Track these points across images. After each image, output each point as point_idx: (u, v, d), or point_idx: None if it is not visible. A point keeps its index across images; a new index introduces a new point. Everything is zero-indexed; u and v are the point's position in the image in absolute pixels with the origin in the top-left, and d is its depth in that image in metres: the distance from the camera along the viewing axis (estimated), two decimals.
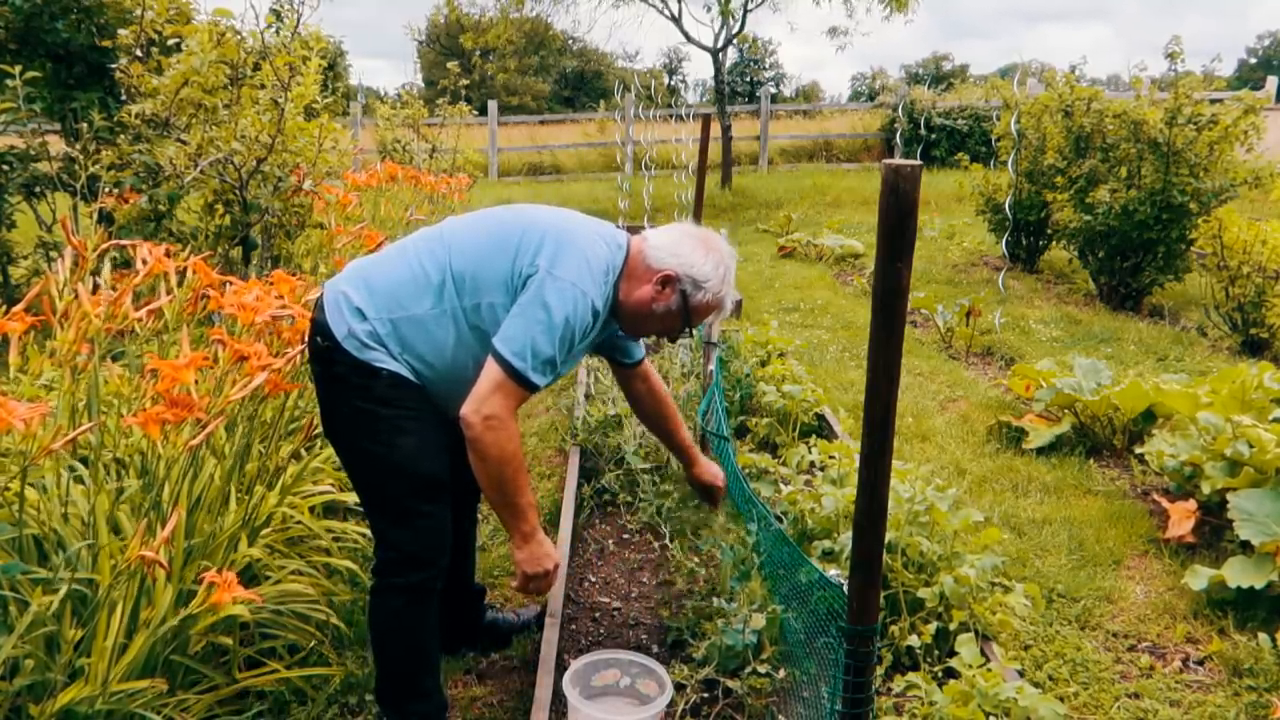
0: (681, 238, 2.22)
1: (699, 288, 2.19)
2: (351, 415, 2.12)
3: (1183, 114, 6.64)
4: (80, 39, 4.34)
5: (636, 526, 3.51)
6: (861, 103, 22.07)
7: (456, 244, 2.14)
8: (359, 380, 2.07)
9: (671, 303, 2.19)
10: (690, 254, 2.18)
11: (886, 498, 1.64)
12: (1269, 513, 3.01)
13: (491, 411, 2.00)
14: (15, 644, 1.81)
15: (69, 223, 2.83)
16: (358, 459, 2.19)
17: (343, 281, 2.16)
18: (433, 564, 2.17)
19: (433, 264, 2.11)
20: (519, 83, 38.61)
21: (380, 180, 6.06)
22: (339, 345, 2.07)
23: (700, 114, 7.94)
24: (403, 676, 2.23)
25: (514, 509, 2.13)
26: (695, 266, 2.18)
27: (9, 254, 4.36)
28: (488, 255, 2.09)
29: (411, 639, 2.21)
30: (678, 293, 2.18)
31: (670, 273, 2.17)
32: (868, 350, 1.59)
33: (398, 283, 2.10)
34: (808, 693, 2.25)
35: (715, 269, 2.20)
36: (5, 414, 1.67)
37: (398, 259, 2.17)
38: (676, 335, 2.30)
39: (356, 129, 14.00)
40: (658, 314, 2.21)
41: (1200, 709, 2.50)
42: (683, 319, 2.22)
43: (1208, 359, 5.72)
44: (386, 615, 2.20)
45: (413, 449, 2.10)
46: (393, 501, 2.16)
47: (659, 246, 2.20)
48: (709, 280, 2.19)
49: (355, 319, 2.07)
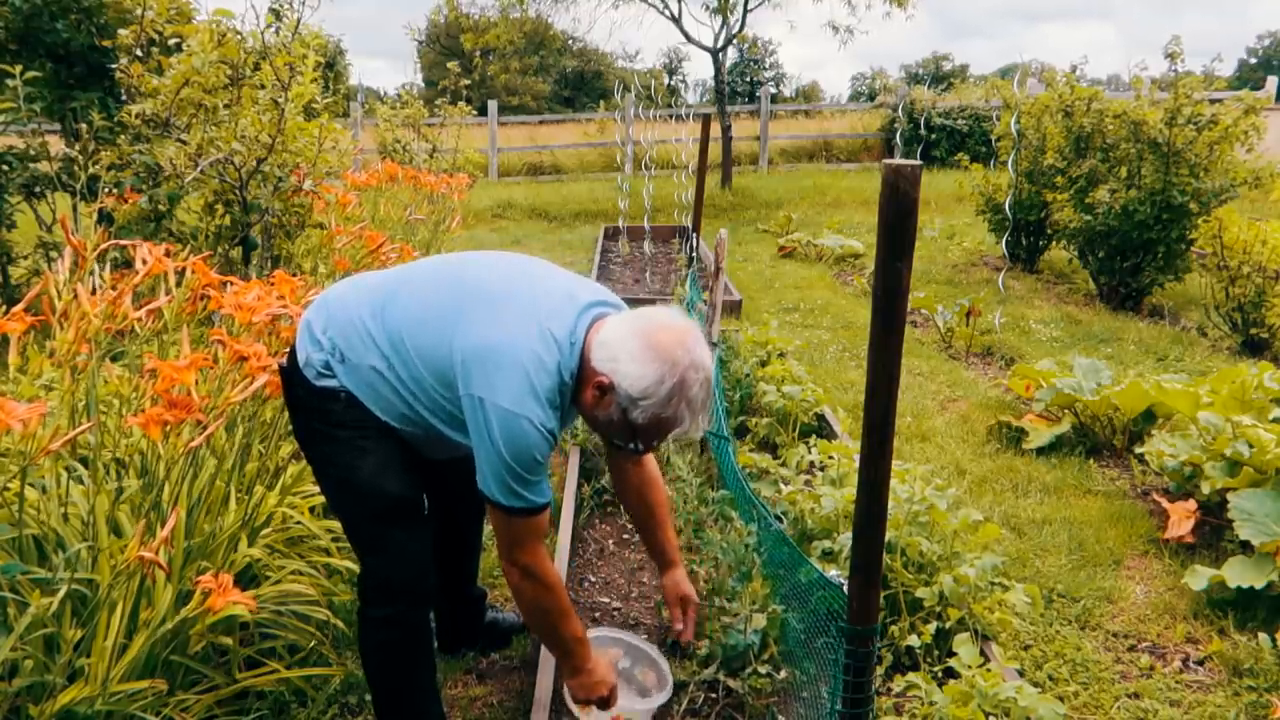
0: (627, 337, 1.85)
1: (635, 404, 1.83)
2: (314, 439, 2.06)
3: (1183, 114, 6.64)
4: (80, 39, 4.34)
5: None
6: (861, 103, 22.07)
7: (405, 306, 1.96)
8: (317, 404, 1.99)
9: (611, 412, 1.87)
10: (628, 362, 1.81)
11: (886, 498, 1.64)
12: (1269, 513, 3.01)
13: (525, 561, 1.92)
14: (14, 645, 1.81)
15: (68, 223, 2.82)
16: (325, 483, 2.13)
17: (312, 308, 2.09)
18: (411, 592, 2.07)
19: (375, 323, 1.96)
20: (519, 83, 38.61)
21: (380, 180, 6.06)
22: (299, 369, 2.01)
23: (700, 114, 7.94)
24: (395, 699, 2.17)
25: (564, 650, 2.07)
26: (628, 377, 1.81)
27: (9, 254, 4.36)
28: (428, 347, 1.90)
29: (400, 670, 2.13)
30: (616, 407, 1.86)
31: (604, 379, 1.84)
32: (868, 350, 1.59)
33: (349, 326, 1.98)
34: (808, 693, 2.25)
35: (657, 383, 1.80)
36: (4, 415, 1.67)
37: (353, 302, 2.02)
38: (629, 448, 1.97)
39: (356, 129, 14.00)
40: (601, 421, 1.92)
41: (1200, 709, 2.50)
42: (629, 432, 1.90)
43: (1208, 359, 5.72)
44: (374, 650, 2.14)
45: (373, 470, 1.99)
46: (361, 527, 2.08)
47: (602, 344, 1.86)
48: (646, 398, 1.81)
49: (313, 348, 2.00)
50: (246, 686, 2.27)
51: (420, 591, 2.09)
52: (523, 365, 1.80)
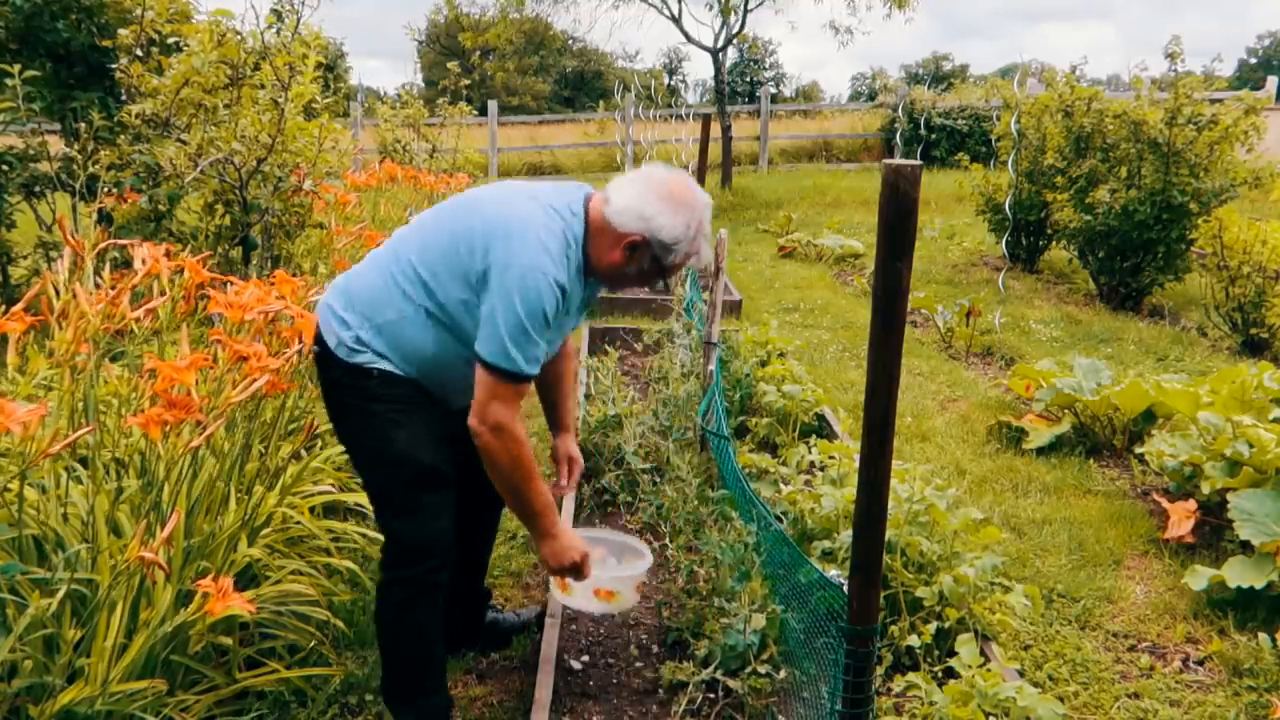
0: (646, 196, 2.08)
1: (669, 250, 2.10)
2: (350, 415, 2.21)
3: (1183, 114, 6.64)
4: (80, 39, 4.34)
5: (636, 526, 3.51)
6: (861, 103, 22.07)
7: (417, 247, 2.16)
8: (353, 381, 2.15)
9: (644, 263, 2.14)
10: (656, 215, 2.07)
11: (886, 498, 1.64)
12: (1269, 513, 3.01)
13: (496, 420, 2.02)
14: (14, 645, 1.81)
15: (67, 223, 2.82)
16: (359, 456, 2.27)
17: (329, 294, 2.25)
18: (435, 555, 2.18)
19: (399, 270, 2.14)
20: (519, 83, 38.62)
21: (380, 180, 6.06)
22: (332, 353, 2.16)
23: (700, 114, 7.93)
24: (409, 672, 2.25)
25: (530, 510, 2.16)
26: (663, 229, 2.07)
27: (9, 254, 4.36)
28: (447, 253, 2.09)
29: (417, 634, 2.22)
30: (648, 256, 2.12)
31: (636, 238, 2.08)
32: (868, 350, 1.59)
33: (372, 291, 2.16)
34: (808, 693, 2.25)
35: (685, 228, 2.09)
36: (4, 417, 1.67)
37: (370, 268, 2.22)
38: (655, 284, 2.27)
39: (357, 129, 14.00)
40: (632, 274, 2.17)
41: (1200, 709, 2.50)
42: (657, 274, 2.18)
43: (1208, 359, 5.72)
44: (393, 609, 2.22)
45: (408, 441, 2.14)
46: (393, 494, 2.19)
47: (623, 210, 2.08)
48: (679, 242, 2.09)
49: (341, 328, 2.15)
50: (246, 686, 2.27)
51: (444, 556, 2.20)
52: (534, 230, 2.03)
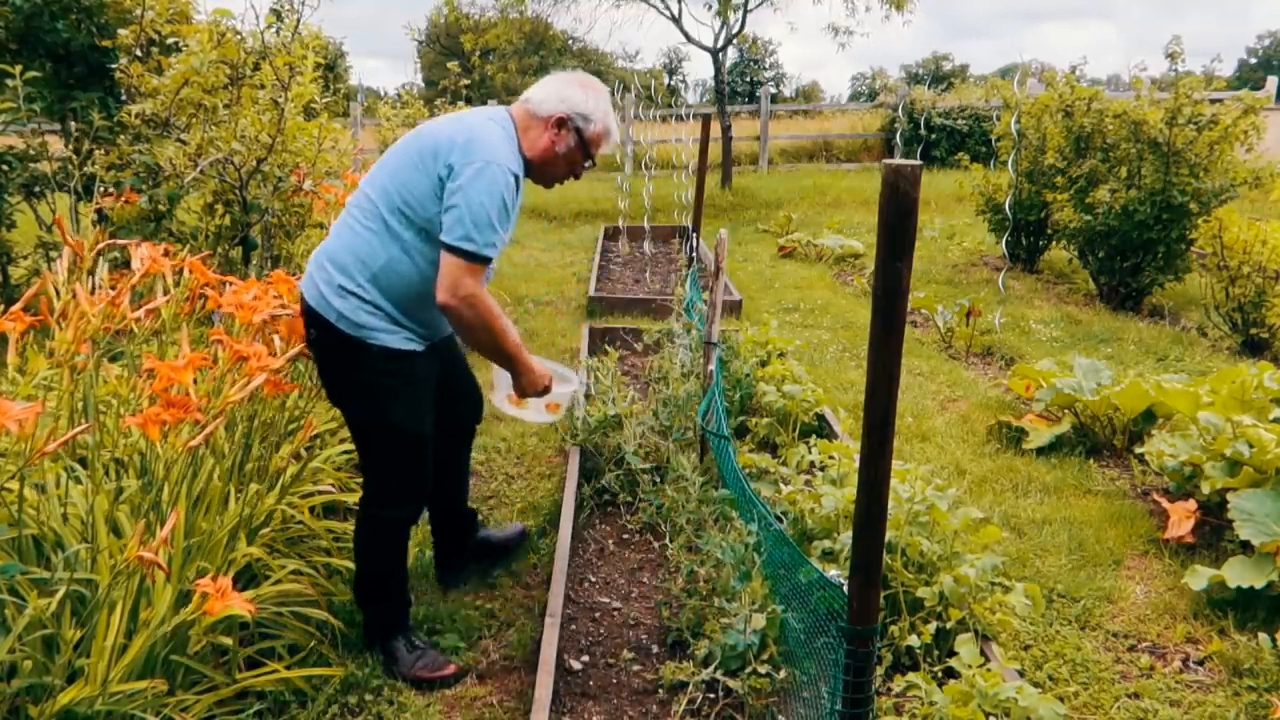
0: (560, 85, 2.51)
1: (588, 120, 2.50)
2: (352, 387, 2.47)
3: (1183, 114, 6.64)
4: (80, 39, 4.34)
5: (636, 526, 3.51)
6: (861, 103, 22.06)
7: (378, 189, 2.41)
8: (353, 357, 2.40)
9: (570, 140, 2.50)
10: (572, 95, 2.48)
11: (886, 498, 1.64)
12: (1269, 513, 3.01)
13: (467, 291, 2.30)
14: (13, 645, 1.80)
15: (65, 223, 2.82)
16: (357, 422, 2.54)
17: (311, 269, 2.45)
18: (412, 502, 2.61)
19: (369, 218, 2.40)
20: (519, 83, 38.58)
21: None
22: (333, 327, 2.37)
23: (700, 114, 7.93)
24: (377, 585, 2.62)
25: (506, 355, 2.51)
26: (580, 104, 2.48)
27: (9, 254, 4.36)
28: (409, 180, 2.36)
29: (387, 559, 2.61)
30: (571, 130, 2.49)
31: (561, 115, 2.47)
32: (868, 350, 1.59)
33: (354, 247, 2.39)
34: (808, 693, 2.25)
35: (597, 103, 2.50)
36: (1, 415, 1.67)
37: (344, 231, 2.46)
38: (581, 170, 2.59)
39: (357, 129, 13.99)
40: (561, 154, 2.51)
41: (1200, 709, 2.50)
42: (583, 151, 2.54)
43: (1208, 359, 5.71)
44: (370, 540, 2.59)
45: (404, 413, 2.47)
46: (385, 453, 2.53)
47: (543, 100, 2.48)
48: (594, 112, 2.49)
49: (339, 298, 2.37)
50: (246, 686, 2.27)
51: (418, 502, 2.66)
52: (488, 132, 2.38)
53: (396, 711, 2.45)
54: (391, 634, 2.63)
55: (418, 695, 2.52)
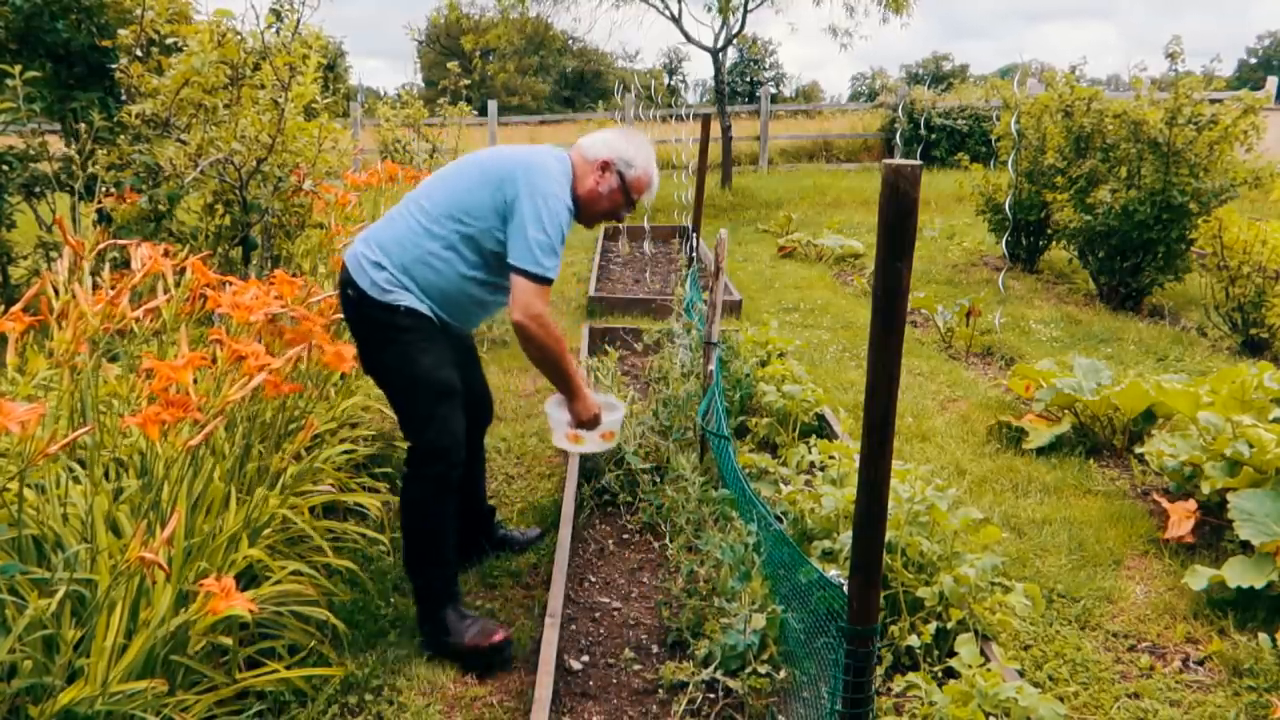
0: (609, 135, 2.81)
1: (630, 166, 2.76)
2: (380, 343, 2.67)
3: (1183, 114, 6.64)
4: (80, 39, 4.34)
5: (636, 526, 3.51)
6: (861, 103, 22.05)
7: (440, 193, 2.68)
8: (383, 317, 2.61)
9: (613, 182, 2.75)
10: (617, 143, 2.77)
11: (886, 497, 1.64)
12: (1269, 513, 3.01)
13: (536, 311, 2.55)
14: (14, 645, 1.80)
15: (66, 223, 2.82)
16: (388, 377, 2.74)
17: (358, 245, 2.70)
18: (450, 455, 2.67)
19: (423, 215, 2.65)
20: (519, 83, 38.59)
21: (380, 180, 6.05)
22: (365, 294, 2.61)
23: (700, 114, 7.93)
24: (425, 547, 2.70)
25: (565, 376, 2.73)
26: (624, 151, 2.76)
27: (9, 254, 4.36)
28: (473, 190, 2.62)
29: (435, 520, 2.68)
30: (615, 173, 2.75)
31: (605, 159, 2.74)
32: (868, 350, 1.59)
33: (400, 236, 2.65)
34: (808, 693, 2.25)
35: (639, 151, 2.77)
36: (2, 416, 1.67)
37: (396, 219, 2.71)
38: (622, 213, 2.82)
39: (357, 129, 13.99)
40: (604, 194, 2.75)
41: (1200, 709, 2.50)
42: (624, 194, 2.78)
43: (1208, 359, 5.71)
44: (418, 497, 2.68)
45: (429, 364, 2.64)
46: (419, 406, 2.67)
47: (592, 145, 2.78)
48: (636, 159, 2.76)
49: (375, 270, 2.61)
50: (246, 686, 2.26)
51: (459, 456, 2.70)
52: (549, 166, 2.65)
53: (396, 711, 2.45)
54: (442, 604, 2.71)
55: (418, 695, 2.52)
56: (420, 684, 2.57)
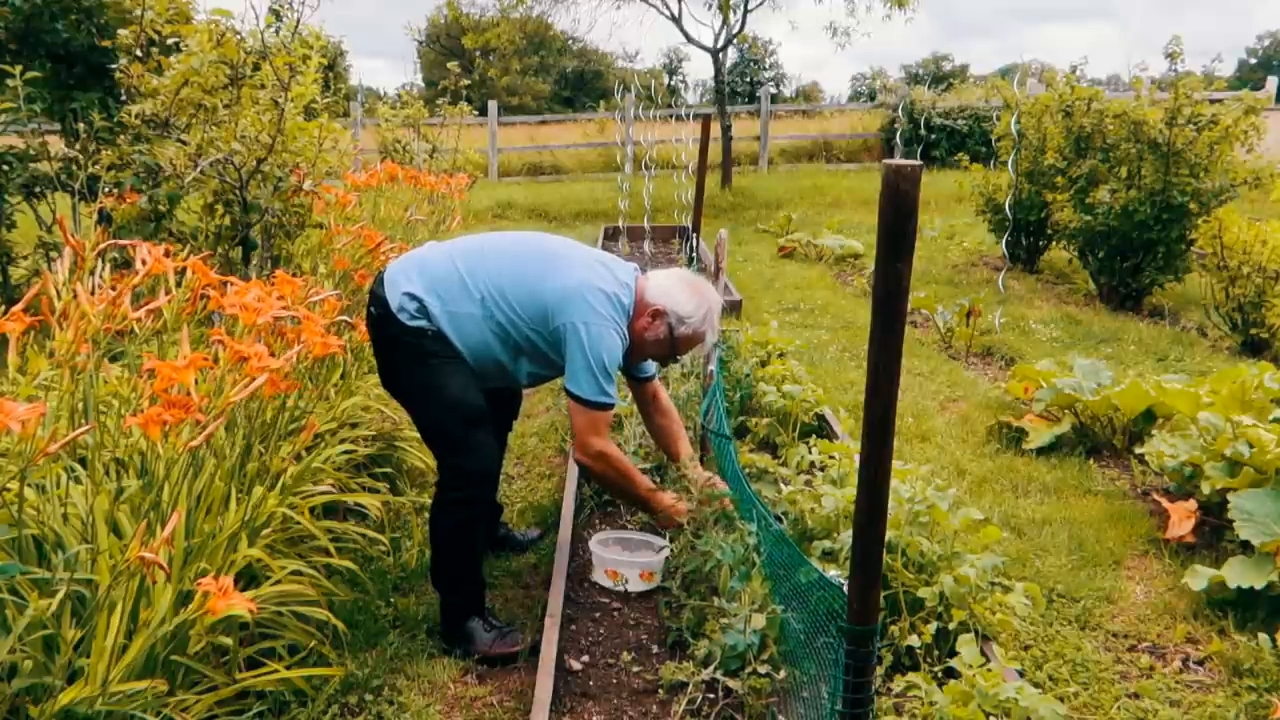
0: (675, 281, 2.72)
1: (682, 322, 2.69)
2: (408, 367, 2.65)
3: (1183, 114, 6.64)
4: (80, 39, 4.34)
5: (637, 526, 3.51)
6: (861, 103, 22.06)
7: (496, 268, 2.63)
8: (411, 339, 2.60)
9: (660, 332, 2.69)
10: (678, 294, 2.69)
11: (887, 497, 1.64)
12: (1269, 513, 3.01)
13: (598, 449, 2.61)
14: (14, 645, 1.80)
15: (67, 223, 2.82)
16: (418, 401, 2.72)
17: (401, 267, 2.68)
18: (484, 480, 2.67)
19: (472, 278, 2.61)
20: (519, 83, 38.58)
21: (380, 180, 6.05)
22: (392, 315, 2.58)
23: (700, 114, 7.94)
24: (453, 566, 2.71)
25: (639, 501, 2.82)
26: (681, 305, 2.68)
27: (9, 254, 4.36)
28: (529, 287, 2.59)
29: (465, 541, 2.67)
30: (665, 324, 2.68)
31: (660, 308, 2.67)
32: (868, 350, 1.59)
33: (443, 280, 2.62)
34: (808, 693, 2.25)
35: (697, 309, 2.69)
36: (3, 416, 1.67)
37: (444, 261, 2.67)
38: (667, 361, 2.78)
39: (357, 129, 13.99)
40: (649, 341, 2.70)
41: (1200, 709, 2.50)
42: (670, 347, 2.72)
43: (1208, 359, 5.71)
44: (447, 523, 2.66)
45: (459, 386, 2.61)
46: (449, 431, 2.64)
47: (654, 287, 2.70)
48: (691, 317, 2.69)
49: (407, 300, 2.59)
50: (246, 686, 2.26)
51: (491, 477, 2.73)
52: (602, 291, 2.58)
53: (397, 711, 2.45)
54: (469, 616, 2.72)
55: (418, 694, 2.52)
56: (420, 684, 2.57)
